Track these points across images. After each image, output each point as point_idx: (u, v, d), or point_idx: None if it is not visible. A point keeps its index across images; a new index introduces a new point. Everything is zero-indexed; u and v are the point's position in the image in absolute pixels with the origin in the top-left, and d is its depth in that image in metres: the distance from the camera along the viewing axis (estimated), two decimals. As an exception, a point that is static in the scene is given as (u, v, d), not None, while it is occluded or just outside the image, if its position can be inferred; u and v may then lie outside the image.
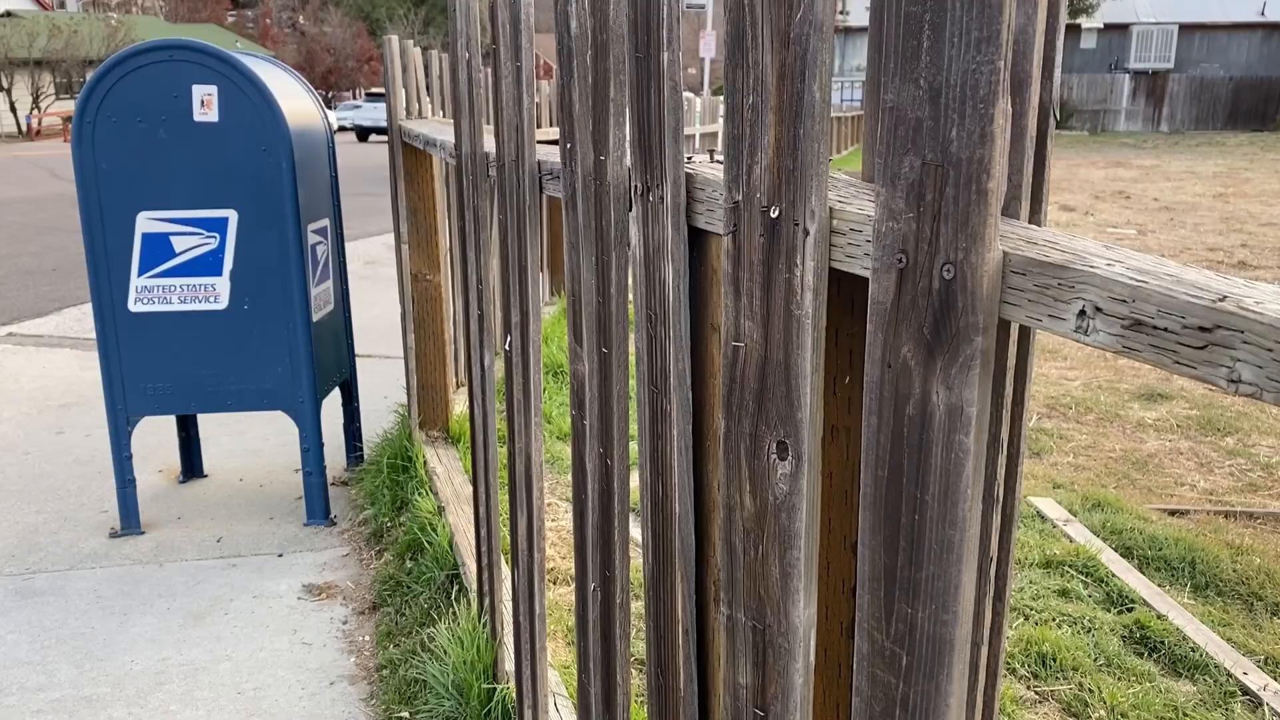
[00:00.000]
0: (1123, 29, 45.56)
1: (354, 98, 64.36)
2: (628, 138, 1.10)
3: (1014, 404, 0.98)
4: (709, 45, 26.88)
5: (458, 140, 2.18)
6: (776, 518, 0.95)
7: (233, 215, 3.78)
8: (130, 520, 3.94)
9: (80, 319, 8.43)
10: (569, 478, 4.13)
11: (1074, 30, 44.90)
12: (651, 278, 1.08)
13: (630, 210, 1.16)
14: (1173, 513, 4.32)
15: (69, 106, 44.75)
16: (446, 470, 3.72)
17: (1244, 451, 5.12)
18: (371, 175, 21.79)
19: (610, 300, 1.21)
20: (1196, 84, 46.15)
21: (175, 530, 3.98)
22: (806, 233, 0.88)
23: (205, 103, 3.68)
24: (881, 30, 0.93)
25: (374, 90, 45.36)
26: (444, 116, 4.23)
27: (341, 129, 49.46)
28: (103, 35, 47.45)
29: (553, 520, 3.77)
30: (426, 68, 4.10)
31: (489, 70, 2.06)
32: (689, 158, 1.09)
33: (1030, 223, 0.93)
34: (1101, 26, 45.19)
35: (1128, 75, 46.13)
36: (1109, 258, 0.77)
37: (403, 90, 3.78)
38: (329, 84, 65.52)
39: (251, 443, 5.01)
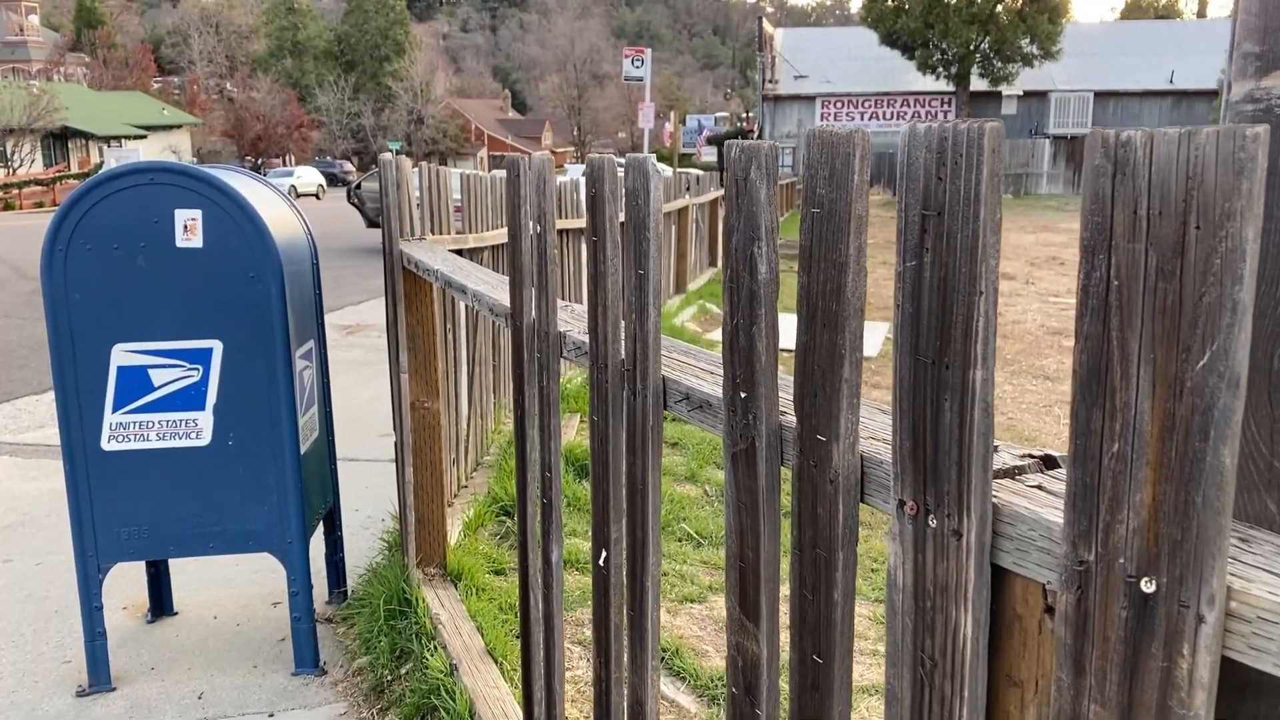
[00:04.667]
0: (1041, 96, 47.16)
1: (284, 164, 63.81)
2: (892, 443, 0.92)
3: None
4: (647, 117, 27.16)
5: (516, 308, 1.98)
6: None
7: (217, 346, 3.52)
8: (100, 676, 3.61)
9: (15, 416, 7.97)
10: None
11: (995, 97, 46.32)
12: (926, 614, 0.90)
13: (865, 497, 0.98)
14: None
15: (-12, 176, 43.61)
16: (451, 617, 3.47)
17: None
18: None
19: (833, 607, 1.02)
20: (1112, 148, 47.72)
21: (150, 685, 3.65)
22: (1201, 619, 0.70)
23: (189, 228, 3.45)
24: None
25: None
26: (434, 234, 4.03)
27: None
28: (24, 103, 46.56)
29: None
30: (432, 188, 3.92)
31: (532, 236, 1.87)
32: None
33: None
34: (1021, 94, 46.71)
35: (1048, 140, 47.64)
36: None
37: (397, 211, 3.58)
38: (258, 151, 64.91)
39: (221, 570, 4.68)
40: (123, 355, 3.49)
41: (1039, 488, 0.88)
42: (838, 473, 1.01)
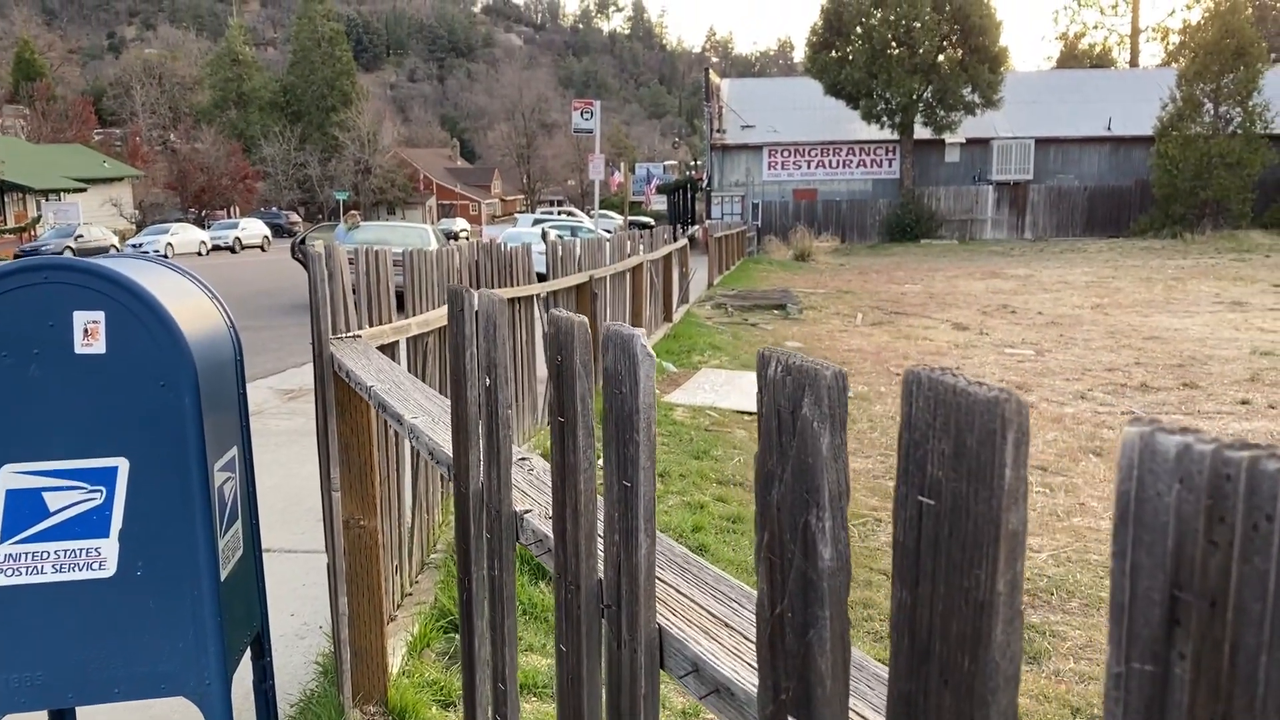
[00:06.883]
0: (984, 143, 47.84)
1: (229, 215, 62.86)
2: None
3: None
4: (598, 168, 27.00)
5: (460, 468, 1.61)
6: None
7: (123, 464, 3.10)
8: (-15, 847, 3.13)
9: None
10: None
11: (939, 145, 46.89)
12: None
13: None
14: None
15: (-82, 232, 42.43)
16: (394, 768, 3.04)
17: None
18: (254, 303, 20.71)
19: None
20: (1055, 193, 48.69)
21: None
22: None
23: (90, 332, 3.04)
24: None
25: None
26: (372, 324, 3.65)
27: (216, 248, 48.16)
28: (-42, 157, 45.55)
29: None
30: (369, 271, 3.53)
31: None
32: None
33: None
34: (964, 141, 47.38)
35: (991, 186, 48.35)
36: None
37: (329, 307, 3.19)
38: (202, 203, 63.90)
39: (137, 696, 4.19)
40: (12, 478, 3.05)
41: None
42: None
